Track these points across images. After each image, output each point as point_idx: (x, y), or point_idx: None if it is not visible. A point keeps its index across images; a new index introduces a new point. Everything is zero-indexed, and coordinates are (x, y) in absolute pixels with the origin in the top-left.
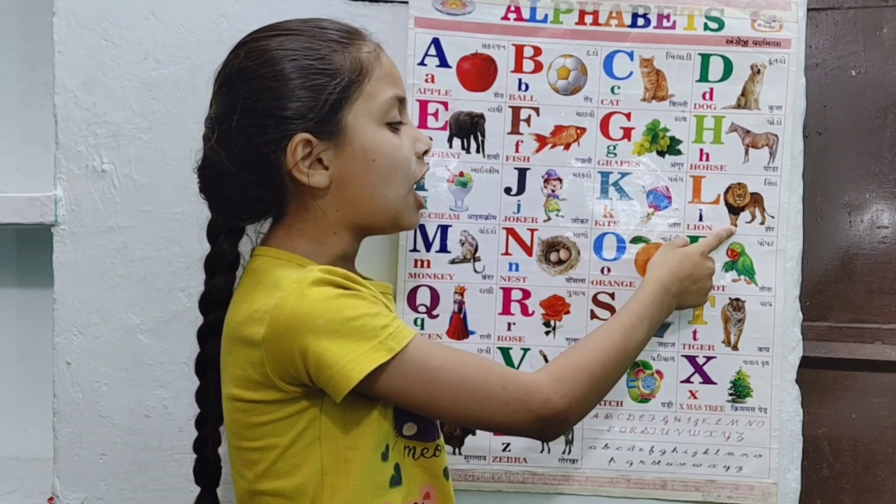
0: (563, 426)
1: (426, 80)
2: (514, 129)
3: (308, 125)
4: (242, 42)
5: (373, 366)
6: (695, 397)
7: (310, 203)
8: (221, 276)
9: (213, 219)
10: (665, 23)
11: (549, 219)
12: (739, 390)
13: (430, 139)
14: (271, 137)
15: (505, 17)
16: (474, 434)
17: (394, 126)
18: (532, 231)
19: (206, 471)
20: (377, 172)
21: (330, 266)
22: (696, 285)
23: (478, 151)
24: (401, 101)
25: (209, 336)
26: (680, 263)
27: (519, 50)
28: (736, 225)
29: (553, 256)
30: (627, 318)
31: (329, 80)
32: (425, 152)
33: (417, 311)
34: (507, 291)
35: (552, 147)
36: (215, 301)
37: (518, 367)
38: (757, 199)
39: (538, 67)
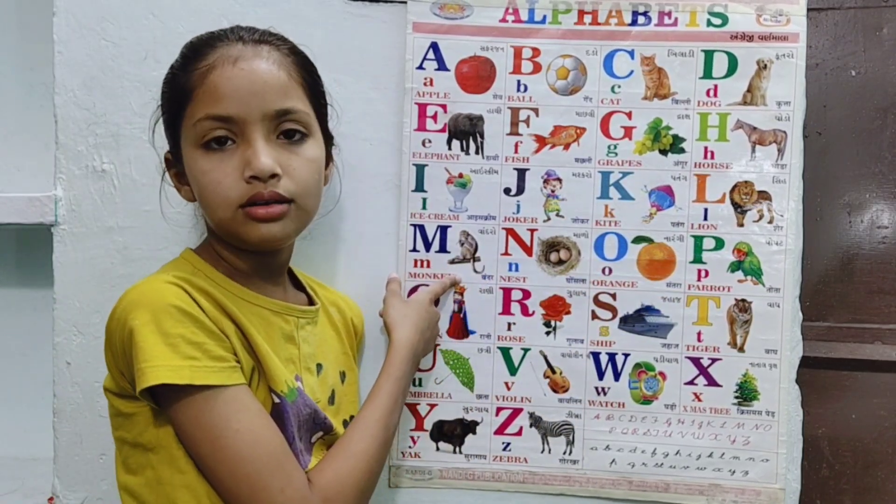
0: None
1: (425, 84)
2: (514, 130)
3: (170, 143)
4: None
5: (159, 381)
6: (699, 399)
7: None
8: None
9: None
10: (666, 20)
11: (549, 219)
12: (746, 393)
13: (266, 164)
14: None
15: (503, 20)
16: (475, 433)
17: (211, 147)
18: (532, 231)
19: None
20: (199, 194)
21: (192, 277)
22: (432, 333)
23: (477, 153)
24: (225, 120)
25: None
26: (419, 317)
27: (517, 51)
28: (742, 224)
29: (553, 256)
30: (384, 404)
31: (168, 103)
32: (253, 177)
33: None
34: (507, 291)
35: (551, 147)
36: None
37: (518, 368)
38: (765, 198)
39: (537, 68)
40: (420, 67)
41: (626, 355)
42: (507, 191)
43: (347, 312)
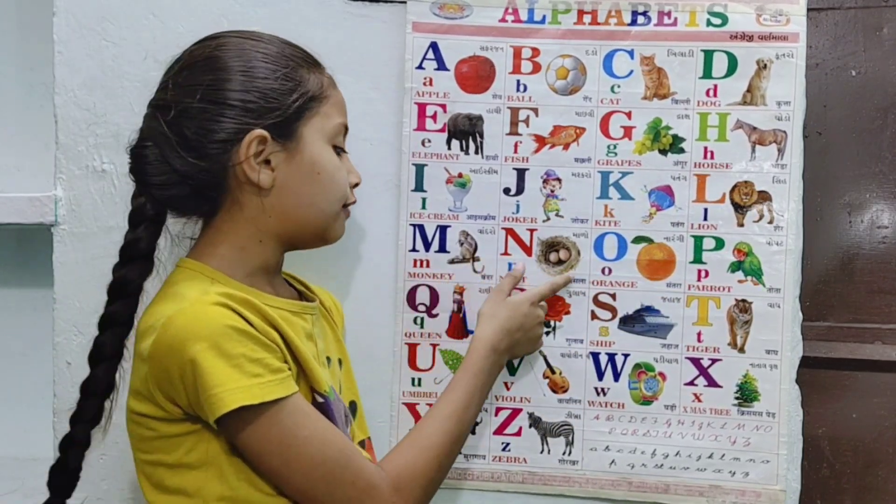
0: None
1: (424, 84)
2: (513, 130)
3: (267, 124)
4: (214, 35)
5: (236, 404)
6: (699, 400)
7: (246, 202)
8: (134, 265)
9: (139, 204)
10: (666, 20)
11: (549, 219)
12: (746, 394)
13: (360, 176)
14: (228, 126)
15: (503, 20)
16: (473, 433)
17: (337, 150)
18: (531, 231)
19: (64, 475)
20: (318, 185)
21: (233, 291)
22: (528, 335)
23: (476, 153)
24: (346, 132)
25: (109, 326)
26: (510, 317)
27: (517, 51)
28: (742, 224)
29: (552, 256)
30: (459, 399)
31: (294, 88)
32: (356, 184)
33: (417, 311)
34: None
35: (551, 147)
36: (122, 291)
37: (517, 368)
38: (765, 198)
39: (536, 68)
40: (420, 67)
41: (626, 356)
42: (506, 191)
43: (326, 302)
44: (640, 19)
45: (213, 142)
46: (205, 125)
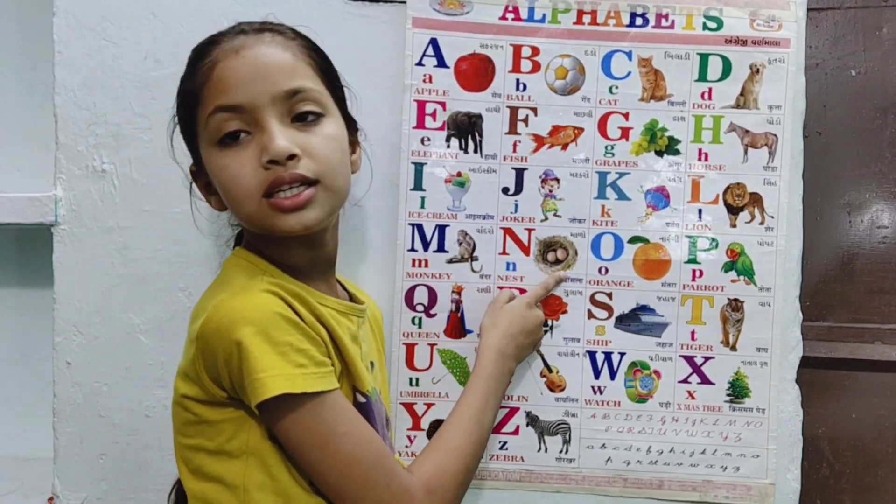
0: None
1: (424, 81)
2: (512, 130)
3: (191, 154)
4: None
5: (278, 391)
6: (693, 397)
7: None
8: None
9: None
10: (664, 22)
11: (547, 219)
12: (737, 391)
13: (282, 145)
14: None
15: (503, 17)
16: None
17: (225, 143)
18: (529, 231)
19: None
20: (224, 194)
21: (284, 282)
22: (530, 338)
23: (475, 151)
24: (235, 109)
25: None
26: (510, 322)
27: (517, 50)
28: (735, 225)
29: (550, 256)
30: (476, 403)
31: (181, 111)
32: (272, 161)
33: (415, 311)
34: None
35: (550, 147)
36: None
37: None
38: (756, 199)
39: (536, 67)
40: (419, 64)
41: (622, 354)
42: (505, 190)
43: (373, 310)
44: (639, 21)
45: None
46: None
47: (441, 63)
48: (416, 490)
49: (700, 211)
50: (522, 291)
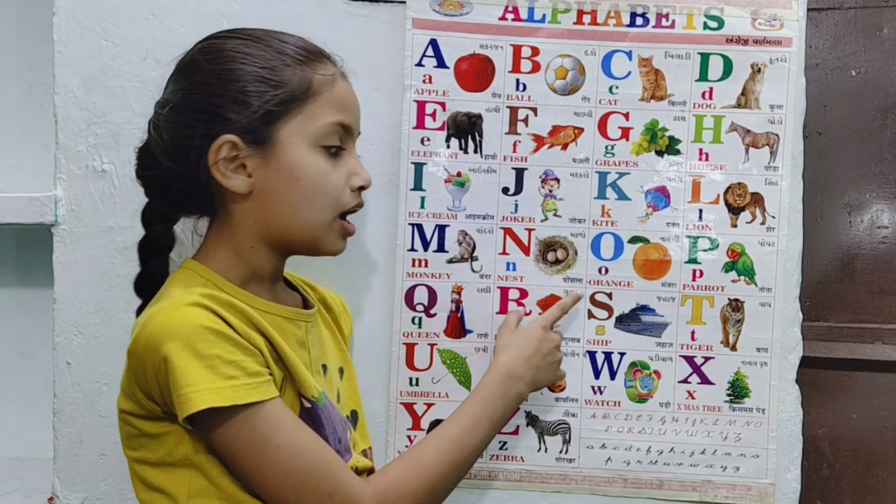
0: None
1: (424, 81)
2: (512, 130)
3: (237, 128)
4: (205, 37)
5: (205, 405)
6: (693, 397)
7: (230, 208)
8: (155, 260)
9: (148, 204)
10: (664, 22)
11: (547, 219)
12: (737, 391)
13: (369, 177)
14: (199, 131)
15: (503, 18)
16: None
17: (330, 151)
18: (529, 231)
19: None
20: (300, 192)
21: (216, 293)
22: (546, 360)
23: (475, 151)
24: (346, 130)
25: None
26: (525, 343)
27: (517, 50)
28: (736, 225)
29: (550, 256)
30: (463, 422)
31: (268, 90)
32: (361, 188)
33: (415, 311)
34: (504, 291)
35: (550, 147)
36: (149, 286)
37: None
38: (757, 199)
39: (536, 67)
40: (419, 64)
41: (622, 354)
42: (505, 190)
43: (335, 308)
44: (639, 21)
45: (186, 147)
46: (178, 130)
47: (441, 63)
48: (366, 499)
49: (701, 211)
50: (524, 292)
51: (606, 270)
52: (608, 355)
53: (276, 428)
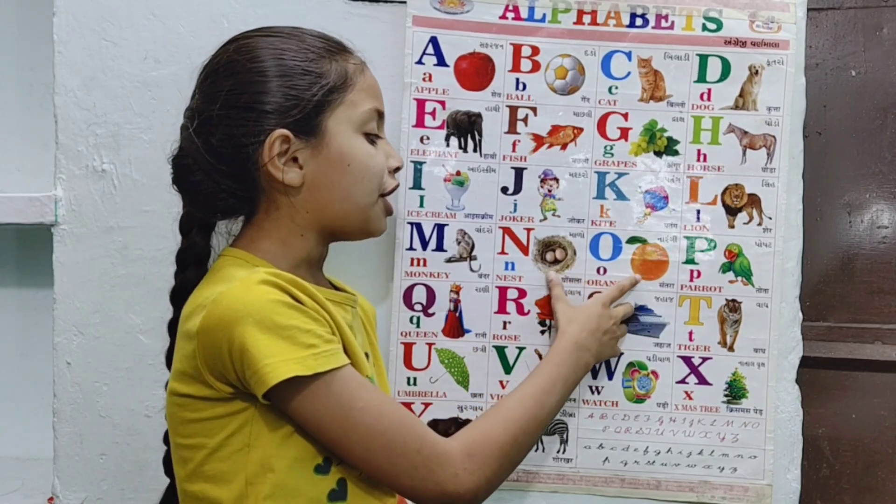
0: None
1: (424, 79)
2: (512, 129)
3: (288, 122)
4: (234, 38)
5: (288, 374)
6: (690, 398)
7: (280, 201)
8: (193, 269)
9: (186, 212)
10: (663, 23)
11: (546, 218)
12: (735, 391)
13: (402, 160)
14: (250, 130)
15: (503, 17)
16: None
17: (370, 137)
18: (528, 230)
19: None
20: (351, 177)
21: (280, 271)
22: (608, 336)
23: (475, 150)
24: (380, 116)
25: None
26: (588, 318)
27: (517, 49)
28: (733, 226)
29: (549, 256)
30: (540, 383)
31: (313, 82)
32: (397, 169)
33: (413, 310)
34: (502, 290)
35: (549, 147)
36: (185, 295)
37: (513, 367)
38: (754, 201)
39: (536, 67)
40: (419, 62)
41: (620, 354)
42: (504, 189)
43: (365, 306)
44: (639, 21)
45: (238, 146)
46: (228, 131)
47: (441, 62)
48: (454, 452)
49: (698, 211)
50: (522, 292)
51: (605, 270)
52: None
53: (357, 392)
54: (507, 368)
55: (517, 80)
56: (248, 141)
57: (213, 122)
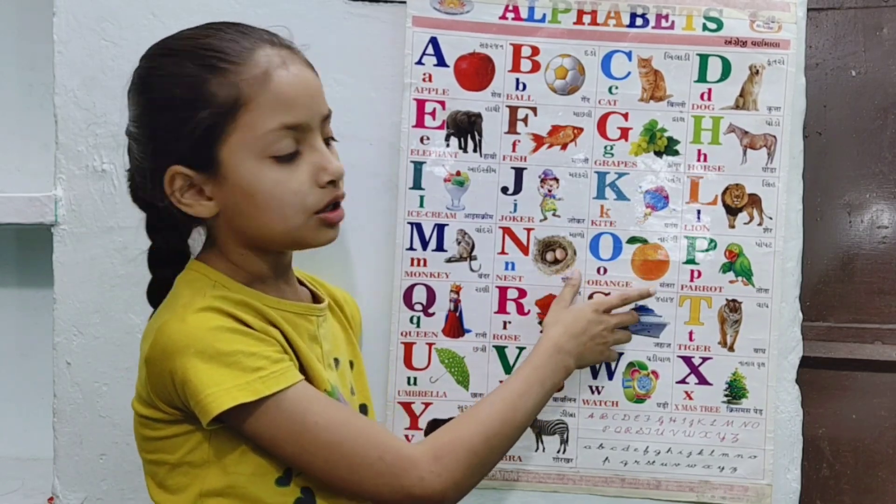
0: None
1: (424, 80)
2: (512, 129)
3: (182, 157)
4: (143, 55)
5: (232, 403)
6: (690, 398)
7: (208, 223)
8: (161, 271)
9: (147, 218)
10: (664, 23)
11: (546, 218)
12: (735, 391)
13: (341, 167)
14: (151, 165)
15: (503, 17)
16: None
17: (284, 159)
18: (528, 230)
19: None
20: (259, 208)
21: (229, 292)
22: (594, 341)
23: (475, 151)
24: (296, 128)
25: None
26: (574, 321)
27: (517, 49)
28: (734, 226)
29: (549, 256)
30: (516, 386)
31: (196, 112)
32: (331, 182)
33: (413, 310)
34: (503, 290)
35: (549, 147)
36: (160, 294)
37: (513, 367)
38: (755, 201)
39: (536, 67)
40: (419, 63)
41: (620, 354)
42: (504, 190)
43: (345, 306)
44: (639, 21)
45: (144, 177)
46: (137, 161)
47: (441, 62)
48: (418, 456)
49: (699, 212)
50: (522, 292)
51: (605, 271)
52: None
53: (311, 407)
54: (508, 368)
55: (517, 80)
56: (151, 175)
57: (129, 148)
